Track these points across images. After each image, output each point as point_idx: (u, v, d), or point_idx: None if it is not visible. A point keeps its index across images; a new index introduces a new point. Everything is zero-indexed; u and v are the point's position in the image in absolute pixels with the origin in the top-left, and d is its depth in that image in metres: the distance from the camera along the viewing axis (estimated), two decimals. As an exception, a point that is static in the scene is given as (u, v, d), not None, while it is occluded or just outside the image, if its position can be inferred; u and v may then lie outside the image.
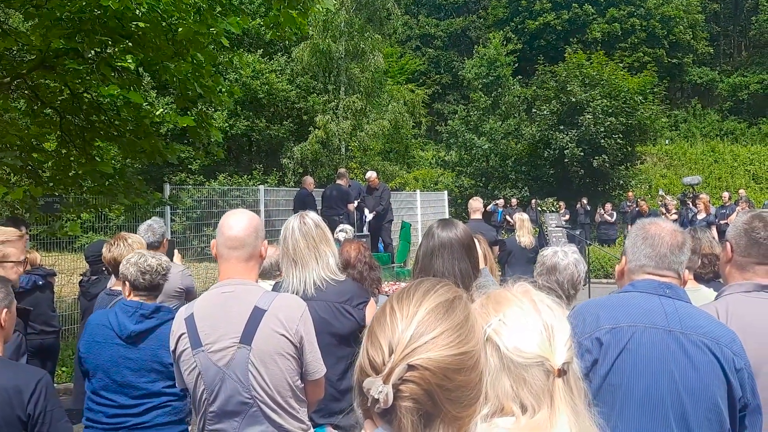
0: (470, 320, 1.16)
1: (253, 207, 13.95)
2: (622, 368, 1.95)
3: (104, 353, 3.21)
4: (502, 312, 1.27)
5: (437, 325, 1.10)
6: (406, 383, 1.05)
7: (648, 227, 2.19)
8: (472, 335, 1.15)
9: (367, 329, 1.16)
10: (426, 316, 1.11)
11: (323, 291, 3.03)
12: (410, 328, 1.09)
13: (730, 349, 1.95)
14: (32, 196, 7.41)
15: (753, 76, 36.18)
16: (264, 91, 21.47)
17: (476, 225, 7.85)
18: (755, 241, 2.33)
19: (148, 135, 8.07)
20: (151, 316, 3.21)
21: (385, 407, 1.05)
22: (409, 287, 1.20)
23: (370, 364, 1.10)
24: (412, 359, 1.06)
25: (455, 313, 1.14)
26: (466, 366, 1.11)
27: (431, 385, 1.06)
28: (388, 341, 1.09)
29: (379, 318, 1.15)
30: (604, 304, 2.12)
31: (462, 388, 1.10)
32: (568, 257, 3.17)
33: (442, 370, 1.07)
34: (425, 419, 1.07)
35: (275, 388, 2.42)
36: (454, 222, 2.84)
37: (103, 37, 6.77)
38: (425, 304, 1.13)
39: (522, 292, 1.32)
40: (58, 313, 7.42)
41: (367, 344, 1.13)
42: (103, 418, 3.20)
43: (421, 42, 43.36)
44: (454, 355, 1.09)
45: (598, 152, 21.21)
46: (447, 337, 1.10)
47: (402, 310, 1.13)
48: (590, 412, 1.25)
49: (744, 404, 1.94)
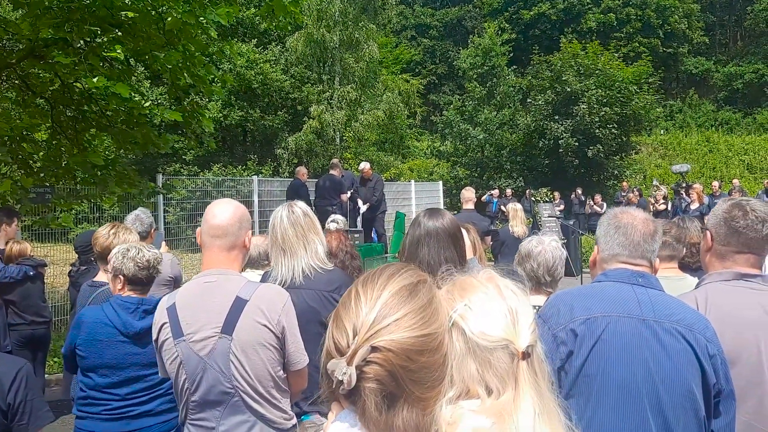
0: (434, 303, 1.18)
1: (247, 197, 13.94)
2: (597, 359, 1.95)
3: (108, 352, 3.16)
4: (468, 297, 1.29)
5: (400, 308, 1.12)
6: (369, 365, 1.07)
7: (620, 216, 2.19)
8: (436, 317, 1.16)
9: (334, 312, 1.18)
10: (390, 299, 1.13)
11: (312, 279, 3.04)
12: (374, 311, 1.11)
13: (703, 335, 1.96)
14: (23, 187, 7.38)
15: (748, 66, 36.20)
16: (258, 81, 21.36)
17: (469, 215, 7.86)
18: (735, 230, 2.33)
19: (140, 125, 8.03)
20: (153, 310, 3.18)
21: (348, 388, 1.06)
22: (374, 272, 1.22)
23: (335, 347, 1.12)
24: (375, 341, 1.08)
25: (419, 296, 1.16)
26: (429, 347, 1.13)
27: (394, 366, 1.08)
28: (352, 324, 1.11)
29: (344, 302, 1.17)
30: (577, 295, 2.12)
31: (425, 369, 1.12)
32: (542, 245, 3.21)
33: (405, 352, 1.09)
34: (389, 400, 1.09)
35: (257, 378, 2.42)
36: (441, 211, 2.86)
37: (93, 26, 6.71)
38: (389, 288, 1.15)
39: (487, 278, 1.34)
40: (50, 303, 7.43)
41: (332, 327, 1.15)
42: (106, 411, 3.15)
43: (417, 32, 43.23)
44: (416, 336, 1.11)
45: (593, 142, 21.21)
46: (410, 319, 1.12)
47: (366, 293, 1.15)
48: (554, 394, 1.27)
49: (718, 390, 1.95)
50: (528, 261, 3.17)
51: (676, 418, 1.89)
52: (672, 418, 1.89)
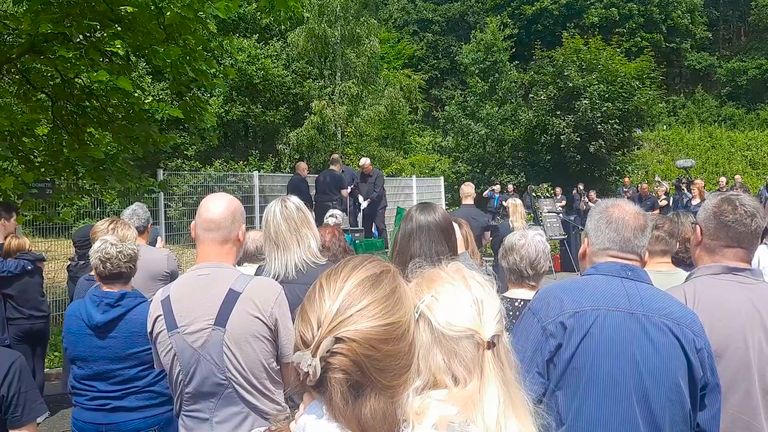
0: (398, 292, 1.20)
1: (248, 193, 13.96)
2: (586, 352, 1.96)
3: (80, 344, 3.24)
4: (434, 289, 1.31)
5: (363, 298, 1.14)
6: (334, 355, 1.09)
7: (611, 210, 2.19)
8: (400, 306, 1.18)
9: (300, 306, 1.19)
10: (353, 290, 1.15)
11: (305, 274, 3.04)
12: (337, 302, 1.13)
13: (691, 329, 1.97)
14: (24, 182, 7.40)
15: (751, 62, 36.09)
16: (260, 77, 21.35)
17: (468, 210, 7.86)
18: (724, 224, 2.33)
19: (141, 121, 8.04)
20: (116, 305, 3.22)
21: (314, 379, 1.08)
22: (338, 265, 1.24)
23: (301, 339, 1.14)
24: (338, 332, 1.10)
25: (382, 285, 1.18)
26: (393, 336, 1.14)
27: (358, 356, 1.09)
28: (316, 316, 1.13)
29: (309, 295, 1.19)
30: (567, 288, 2.13)
31: (390, 357, 1.13)
32: (526, 238, 3.22)
33: (369, 341, 1.10)
34: (355, 390, 1.10)
35: (250, 370, 2.44)
36: (432, 206, 2.87)
37: (92, 21, 6.73)
38: (351, 279, 1.17)
39: (454, 270, 1.36)
40: (50, 298, 7.46)
41: (298, 321, 1.17)
42: (87, 401, 3.26)
43: (419, 27, 43.12)
44: (380, 325, 1.12)
45: (595, 138, 21.16)
46: (373, 308, 1.13)
47: (329, 285, 1.17)
48: (521, 383, 1.29)
49: (704, 383, 1.96)
50: (511, 254, 3.18)
51: (663, 411, 1.91)
52: (658, 411, 1.91)
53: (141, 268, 3.62)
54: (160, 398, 3.32)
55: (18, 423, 2.34)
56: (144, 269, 4.31)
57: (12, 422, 2.33)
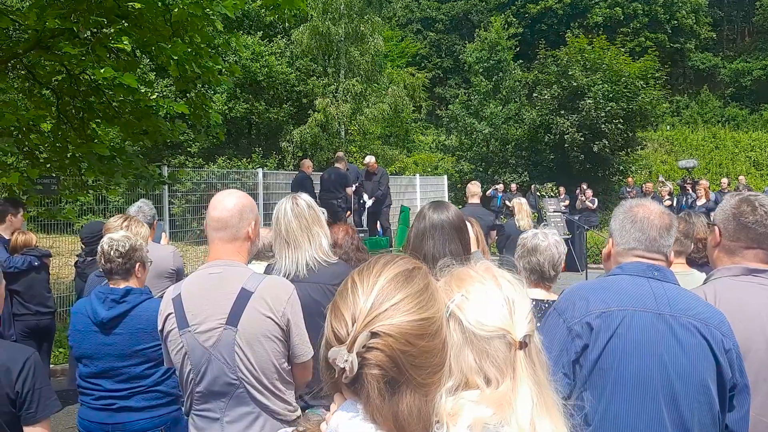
0: (430, 288, 1.19)
1: (252, 190, 13.94)
2: (613, 352, 1.94)
3: (86, 342, 3.22)
4: (465, 288, 1.29)
5: (397, 293, 1.13)
6: (370, 351, 1.07)
7: (636, 210, 2.17)
8: (433, 302, 1.17)
9: (331, 303, 1.18)
10: (386, 285, 1.14)
11: (316, 273, 3.02)
12: (371, 297, 1.12)
13: (719, 330, 1.95)
14: (29, 178, 7.39)
15: (756, 62, 35.99)
16: (263, 74, 21.33)
17: (474, 209, 7.84)
18: (744, 225, 2.31)
19: (146, 116, 8.03)
20: (122, 301, 3.19)
21: (351, 375, 1.07)
22: (369, 261, 1.22)
23: (334, 337, 1.12)
24: (374, 326, 1.08)
25: (415, 281, 1.17)
26: (428, 332, 1.13)
27: (395, 351, 1.08)
28: (350, 312, 1.12)
29: (341, 292, 1.17)
30: (593, 288, 2.11)
31: (426, 354, 1.12)
32: (548, 239, 3.20)
33: (405, 336, 1.09)
34: (391, 386, 1.09)
35: (261, 369, 2.42)
36: (446, 204, 2.85)
37: (99, 17, 6.71)
38: (384, 274, 1.16)
39: (484, 269, 1.35)
40: (55, 294, 7.45)
41: (330, 317, 1.15)
42: (93, 401, 3.24)
43: (422, 25, 43.06)
44: (415, 320, 1.11)
45: (599, 137, 21.13)
46: (407, 303, 1.12)
47: (362, 281, 1.16)
48: (552, 383, 1.28)
49: (733, 384, 1.94)
50: (534, 255, 3.16)
51: (691, 412, 1.89)
52: (687, 413, 1.89)
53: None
54: (166, 398, 3.30)
55: (32, 419, 2.32)
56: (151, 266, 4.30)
57: (26, 419, 2.32)
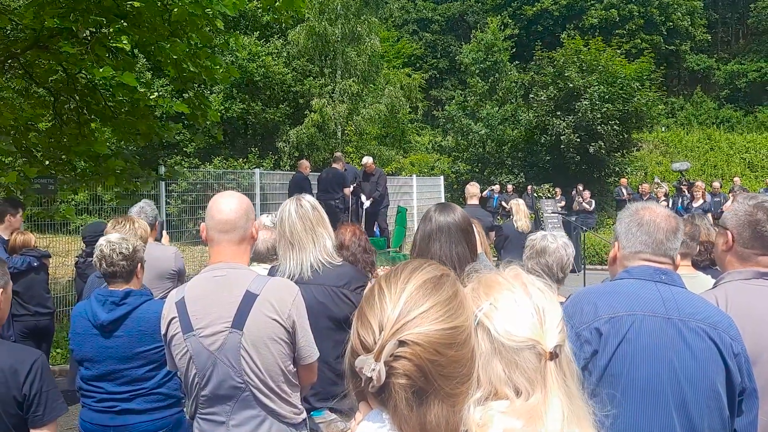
0: (459, 296, 1.16)
1: (248, 190, 13.92)
2: (622, 358, 1.93)
3: (86, 345, 3.21)
4: (493, 296, 1.26)
5: (425, 301, 1.10)
6: (398, 359, 1.05)
7: (642, 213, 2.15)
8: (462, 310, 1.14)
9: (357, 310, 1.16)
10: (414, 292, 1.11)
11: (320, 275, 3.01)
12: (399, 305, 1.09)
13: (728, 334, 1.94)
14: (27, 177, 7.35)
15: (750, 64, 36.14)
16: (260, 74, 21.30)
17: (473, 210, 7.84)
18: (760, 234, 2.29)
19: (144, 116, 8.00)
20: (121, 303, 3.18)
21: (378, 384, 1.04)
22: (397, 267, 1.20)
23: (361, 344, 1.10)
24: (402, 335, 1.06)
25: (443, 288, 1.14)
26: (457, 341, 1.11)
27: (423, 361, 1.06)
28: (378, 320, 1.09)
29: (368, 298, 1.15)
30: (601, 293, 2.10)
31: (454, 363, 1.10)
32: (557, 241, 3.22)
33: (433, 345, 1.07)
34: (419, 396, 1.07)
35: (267, 372, 2.41)
36: (452, 206, 2.83)
37: (98, 17, 6.68)
38: (413, 281, 1.13)
39: (513, 276, 1.31)
40: (52, 294, 7.41)
41: (357, 325, 1.13)
42: (94, 403, 3.23)
43: (419, 26, 43.11)
44: (444, 329, 1.09)
45: (595, 138, 21.17)
46: (436, 311, 1.10)
47: (390, 288, 1.13)
48: (583, 395, 1.25)
49: (742, 389, 1.93)
50: (543, 256, 3.16)
51: (701, 417, 1.88)
52: (697, 418, 1.88)
53: (148, 266, 3.58)
54: (168, 400, 3.30)
55: (39, 422, 2.32)
56: (151, 267, 4.27)
57: (33, 421, 2.31)
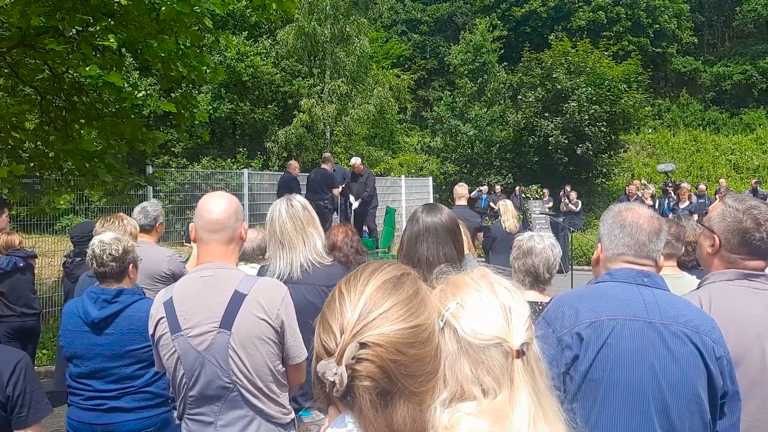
0: (420, 294, 1.16)
1: (237, 191, 13.88)
2: (603, 363, 1.92)
3: (77, 342, 3.20)
4: (460, 296, 1.26)
5: (385, 301, 1.10)
6: (360, 362, 1.05)
7: (625, 214, 2.15)
8: (424, 308, 1.14)
9: (319, 316, 1.14)
10: (374, 293, 1.11)
11: (310, 274, 3.02)
12: (358, 307, 1.09)
13: (710, 337, 1.94)
14: (14, 175, 7.29)
15: (736, 67, 36.43)
16: (248, 74, 21.23)
17: (461, 211, 7.86)
18: (748, 242, 2.29)
19: (130, 118, 7.94)
20: (113, 301, 3.18)
21: (341, 388, 1.04)
22: (356, 270, 1.19)
23: (323, 349, 1.09)
24: (362, 337, 1.05)
25: (403, 287, 1.14)
26: (420, 339, 1.10)
27: (385, 362, 1.05)
28: (338, 323, 1.09)
29: (329, 303, 1.14)
30: (583, 297, 2.09)
31: (417, 362, 1.10)
32: (543, 241, 3.22)
33: (394, 345, 1.06)
34: (384, 397, 1.06)
35: (256, 372, 2.41)
36: (439, 207, 2.84)
37: (85, 15, 6.63)
38: (372, 282, 1.13)
39: (480, 275, 1.31)
40: (38, 295, 7.35)
41: (319, 330, 1.12)
42: (82, 401, 3.22)
43: (407, 27, 43.08)
44: (405, 328, 1.08)
45: (582, 140, 21.29)
46: (396, 311, 1.09)
47: (350, 291, 1.13)
48: (552, 392, 1.25)
49: (724, 392, 1.93)
50: (530, 257, 3.17)
51: (682, 421, 1.88)
52: (678, 422, 1.88)
53: (141, 266, 3.56)
54: (156, 399, 3.29)
55: (23, 423, 2.30)
56: (143, 268, 4.24)
57: (17, 422, 2.29)
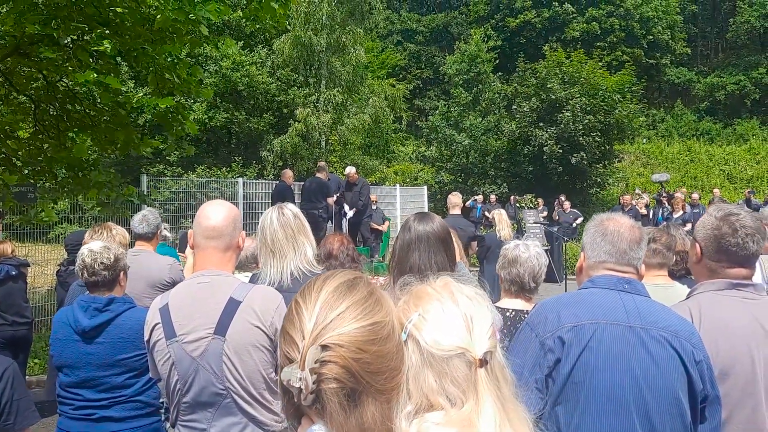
0: (375, 294, 1.17)
1: (231, 199, 13.87)
2: (585, 366, 1.95)
3: (67, 351, 3.18)
4: (422, 307, 1.26)
5: (340, 303, 1.12)
6: (324, 365, 1.06)
7: (606, 223, 2.19)
8: (380, 307, 1.15)
9: (280, 330, 1.16)
10: (328, 297, 1.13)
11: (300, 282, 3.01)
12: (315, 312, 1.10)
13: (689, 341, 1.97)
14: (6, 184, 7.27)
15: (729, 78, 36.73)
16: (244, 84, 21.28)
17: (455, 220, 7.87)
18: (725, 248, 2.32)
19: (124, 125, 7.94)
20: (104, 310, 3.17)
21: (308, 393, 1.04)
22: (310, 281, 1.21)
23: (287, 359, 1.10)
24: (323, 339, 1.07)
25: (357, 289, 1.16)
26: (380, 336, 1.12)
27: (348, 361, 1.06)
28: (298, 331, 1.10)
29: (287, 315, 1.16)
30: (565, 302, 2.13)
31: (380, 359, 1.11)
32: (529, 250, 3.22)
33: (355, 343, 1.08)
34: (351, 398, 1.07)
35: (249, 379, 2.41)
36: (431, 215, 2.85)
37: (80, 23, 6.63)
38: (325, 288, 1.15)
39: (442, 285, 1.31)
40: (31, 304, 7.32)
41: (281, 343, 1.13)
42: (72, 410, 3.19)
43: (403, 37, 43.35)
44: (364, 326, 1.10)
45: (577, 150, 21.37)
46: (353, 311, 1.11)
47: (305, 299, 1.14)
48: (519, 398, 1.25)
49: (704, 396, 1.96)
50: (514, 266, 3.18)
51: (663, 424, 1.90)
52: (658, 425, 1.90)
53: (140, 275, 3.56)
54: (147, 408, 3.26)
55: (11, 431, 2.29)
56: (143, 276, 4.22)
57: (4, 430, 2.29)
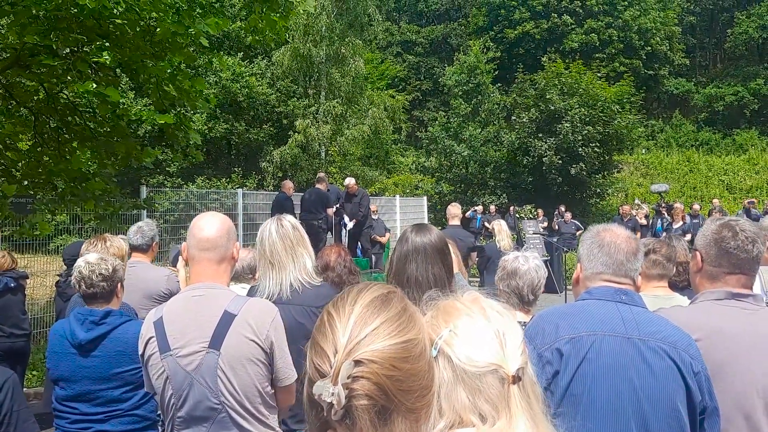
0: (408, 310, 1.16)
1: (231, 210, 13.87)
2: (583, 378, 1.95)
3: (63, 364, 3.16)
4: (452, 323, 1.25)
5: (375, 318, 1.10)
6: (356, 380, 1.04)
7: (603, 234, 2.19)
8: (413, 324, 1.14)
9: (310, 340, 1.14)
10: (363, 312, 1.11)
11: (299, 294, 3.00)
12: (349, 326, 1.09)
13: (687, 353, 1.97)
14: (5, 195, 7.26)
15: (728, 88, 36.83)
16: (244, 95, 21.34)
17: (454, 231, 7.85)
18: (725, 251, 2.32)
19: (124, 137, 7.94)
20: (101, 323, 3.14)
21: (339, 408, 1.03)
22: (343, 292, 1.19)
23: (317, 372, 1.08)
24: (356, 354, 1.05)
25: (391, 304, 1.14)
26: (412, 354, 1.10)
27: (381, 378, 1.05)
28: (331, 344, 1.08)
29: (318, 327, 1.14)
30: (563, 314, 2.13)
31: (412, 376, 1.09)
32: (528, 263, 3.20)
33: (389, 360, 1.06)
34: (382, 415, 1.06)
35: (244, 394, 2.39)
36: (428, 227, 2.84)
37: (80, 35, 6.66)
38: (360, 302, 1.13)
39: (471, 300, 1.30)
40: (29, 315, 7.29)
41: (311, 354, 1.11)
42: (68, 424, 3.17)
43: (402, 48, 43.51)
44: (397, 343, 1.08)
45: (576, 160, 21.41)
46: (387, 327, 1.09)
47: (338, 312, 1.12)
48: (548, 416, 1.24)
49: (703, 407, 1.95)
50: (513, 278, 3.17)
51: None
52: None
53: (137, 286, 3.53)
54: (144, 422, 3.24)
55: None
56: (140, 288, 4.19)
57: None
